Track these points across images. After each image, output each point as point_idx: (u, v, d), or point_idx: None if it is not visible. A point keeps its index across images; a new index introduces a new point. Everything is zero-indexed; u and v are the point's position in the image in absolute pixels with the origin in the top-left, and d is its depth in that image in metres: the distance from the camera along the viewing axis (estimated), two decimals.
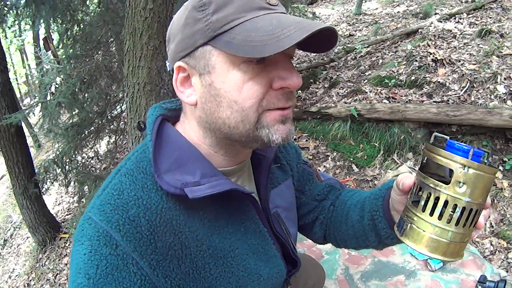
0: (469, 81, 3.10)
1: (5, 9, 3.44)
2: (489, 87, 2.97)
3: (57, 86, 3.59)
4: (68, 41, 3.70)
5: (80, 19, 3.70)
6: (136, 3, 1.87)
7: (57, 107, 3.33)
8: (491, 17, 4.31)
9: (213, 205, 0.58)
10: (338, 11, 7.38)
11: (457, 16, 4.58)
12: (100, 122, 3.78)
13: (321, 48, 0.56)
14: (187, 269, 0.53)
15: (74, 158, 3.75)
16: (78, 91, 3.41)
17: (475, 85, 3.06)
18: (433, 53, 3.57)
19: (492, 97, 2.89)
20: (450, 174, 0.51)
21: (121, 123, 4.07)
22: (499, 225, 2.23)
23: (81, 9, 3.69)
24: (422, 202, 0.53)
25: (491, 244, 2.12)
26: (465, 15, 4.57)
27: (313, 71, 4.49)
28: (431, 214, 0.52)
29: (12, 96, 3.76)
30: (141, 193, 0.53)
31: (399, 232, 0.57)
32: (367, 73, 3.96)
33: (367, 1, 7.14)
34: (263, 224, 0.65)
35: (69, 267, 0.52)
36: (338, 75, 4.16)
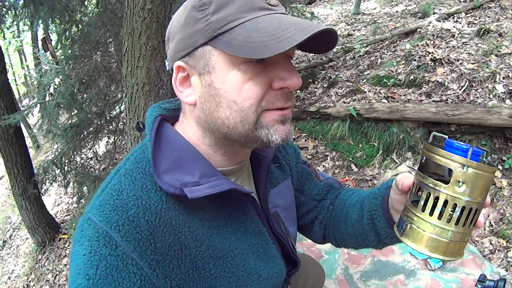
0: (468, 80, 3.10)
1: (4, 10, 3.44)
2: (488, 86, 2.98)
3: (55, 86, 3.58)
4: (66, 42, 3.70)
5: (78, 19, 3.70)
6: (134, 3, 1.87)
7: (56, 107, 3.32)
8: (489, 17, 4.32)
9: (213, 205, 0.58)
10: (336, 10, 7.38)
11: (455, 15, 4.59)
12: (99, 122, 3.78)
13: (320, 49, 0.56)
14: (186, 269, 0.53)
15: (73, 158, 3.74)
16: (77, 92, 3.41)
17: (474, 84, 3.06)
18: (432, 52, 3.58)
19: (491, 96, 2.90)
20: (449, 173, 0.51)
21: (120, 123, 4.06)
22: (499, 224, 2.24)
23: (79, 9, 3.69)
24: (421, 202, 0.53)
25: (491, 243, 2.12)
26: (464, 14, 4.58)
27: (312, 71, 4.49)
28: (431, 213, 0.52)
29: (10, 97, 3.76)
30: (141, 193, 0.52)
31: (399, 232, 0.57)
32: (366, 73, 3.96)
33: (365, 1, 7.15)
34: (262, 223, 0.65)
35: (69, 268, 0.52)
36: (337, 75, 4.16)
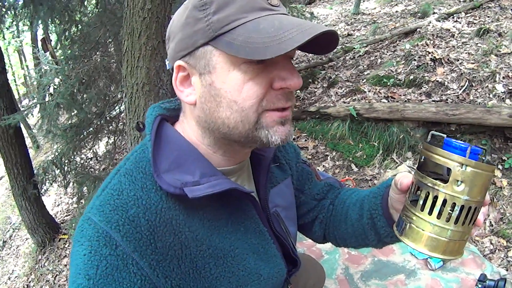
0: (467, 80, 3.10)
1: (3, 10, 3.44)
2: (487, 86, 2.98)
3: (55, 87, 3.58)
4: (66, 42, 3.70)
5: (78, 19, 3.70)
6: (134, 3, 1.87)
7: (56, 108, 3.32)
8: (489, 16, 4.32)
9: (213, 204, 0.58)
10: (336, 10, 7.38)
11: (455, 15, 4.59)
12: (99, 122, 3.78)
13: (321, 50, 0.56)
14: (187, 269, 0.53)
15: (73, 159, 3.74)
16: (76, 92, 3.41)
17: (473, 84, 3.06)
18: (432, 52, 3.58)
19: (491, 96, 2.90)
20: (448, 172, 0.51)
21: (120, 123, 4.06)
22: (499, 223, 2.24)
23: (79, 9, 3.69)
24: (420, 201, 0.53)
25: (491, 243, 2.12)
26: (463, 14, 4.58)
27: (311, 71, 4.49)
28: (430, 213, 0.52)
29: (10, 97, 3.76)
30: (141, 193, 0.52)
31: (398, 231, 0.57)
32: (365, 73, 3.96)
33: (365, 1, 7.15)
34: (262, 223, 0.65)
35: (69, 268, 0.52)
36: (336, 75, 4.16)
